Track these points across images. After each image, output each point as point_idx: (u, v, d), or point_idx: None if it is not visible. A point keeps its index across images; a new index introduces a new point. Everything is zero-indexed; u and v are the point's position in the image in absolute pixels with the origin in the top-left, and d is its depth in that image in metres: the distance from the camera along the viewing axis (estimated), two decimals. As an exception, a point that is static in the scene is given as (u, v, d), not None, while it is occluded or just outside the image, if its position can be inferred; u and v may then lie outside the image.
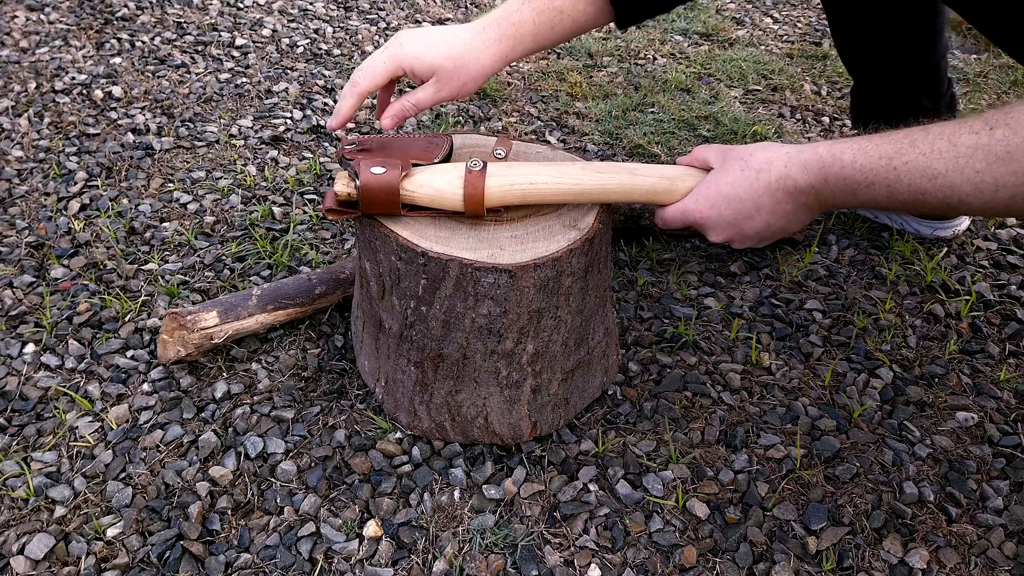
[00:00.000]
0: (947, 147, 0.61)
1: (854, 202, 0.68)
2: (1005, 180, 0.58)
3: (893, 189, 0.64)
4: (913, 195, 0.63)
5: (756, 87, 1.69)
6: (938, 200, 0.62)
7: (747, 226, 0.74)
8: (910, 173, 0.62)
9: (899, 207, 0.66)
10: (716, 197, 0.74)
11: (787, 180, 0.70)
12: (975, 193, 0.60)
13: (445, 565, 0.78)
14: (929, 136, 0.62)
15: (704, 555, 0.80)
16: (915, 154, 0.62)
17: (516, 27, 0.86)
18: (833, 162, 0.67)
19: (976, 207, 0.61)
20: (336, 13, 1.95)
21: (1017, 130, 0.58)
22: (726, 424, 0.93)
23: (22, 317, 1.06)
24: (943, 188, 0.61)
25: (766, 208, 0.72)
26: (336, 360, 1.00)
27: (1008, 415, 0.95)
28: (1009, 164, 0.58)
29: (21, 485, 0.85)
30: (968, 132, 0.60)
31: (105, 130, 1.44)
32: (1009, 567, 0.79)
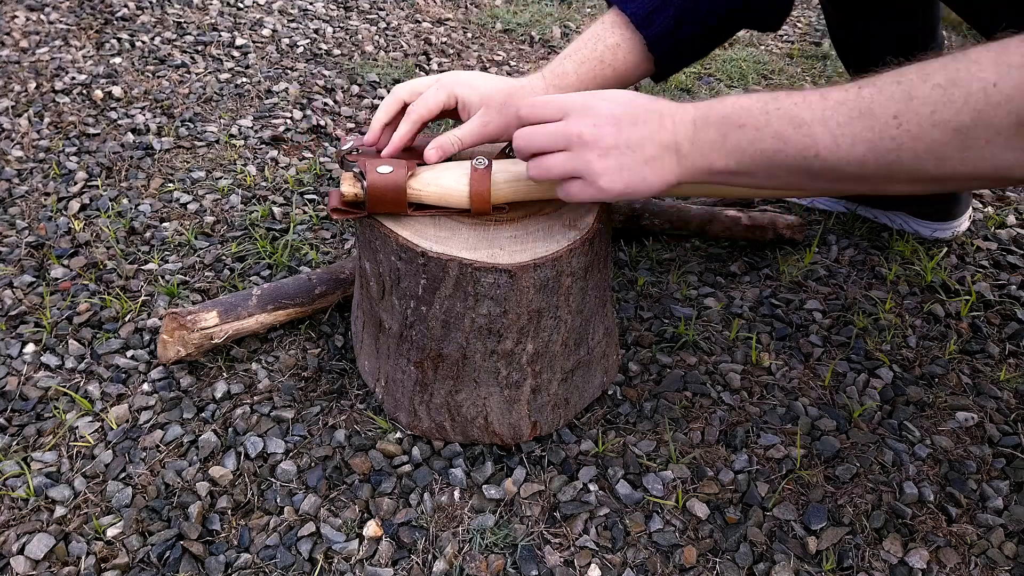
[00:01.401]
0: (817, 100, 0.62)
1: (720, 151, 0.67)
2: (862, 135, 0.59)
3: (760, 133, 0.64)
4: (776, 142, 0.63)
5: (756, 87, 1.69)
6: (796, 151, 0.62)
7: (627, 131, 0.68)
8: (779, 119, 0.63)
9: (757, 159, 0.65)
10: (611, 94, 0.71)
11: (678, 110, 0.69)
12: (832, 146, 0.61)
13: (445, 565, 0.78)
14: (805, 91, 0.63)
15: (704, 555, 0.80)
16: (788, 103, 0.63)
17: (560, 78, 0.87)
18: (718, 102, 0.68)
19: (829, 162, 0.61)
20: (336, 13, 1.95)
21: (882, 89, 0.59)
22: (726, 424, 0.93)
23: (22, 317, 1.06)
24: (804, 137, 0.62)
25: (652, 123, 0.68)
26: (336, 360, 1.00)
27: (1008, 415, 0.95)
28: (868, 119, 0.59)
29: (21, 485, 0.85)
30: (840, 90, 0.61)
31: (105, 130, 1.44)
32: (1009, 567, 0.79)
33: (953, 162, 0.57)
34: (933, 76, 0.56)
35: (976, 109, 0.54)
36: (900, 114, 0.57)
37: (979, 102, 0.54)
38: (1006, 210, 1.33)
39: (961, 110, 0.55)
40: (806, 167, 0.63)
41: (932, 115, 0.56)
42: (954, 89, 0.55)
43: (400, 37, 1.87)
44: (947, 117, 0.55)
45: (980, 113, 0.54)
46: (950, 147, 0.56)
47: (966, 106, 0.55)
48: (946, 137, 0.56)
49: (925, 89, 0.56)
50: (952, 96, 0.55)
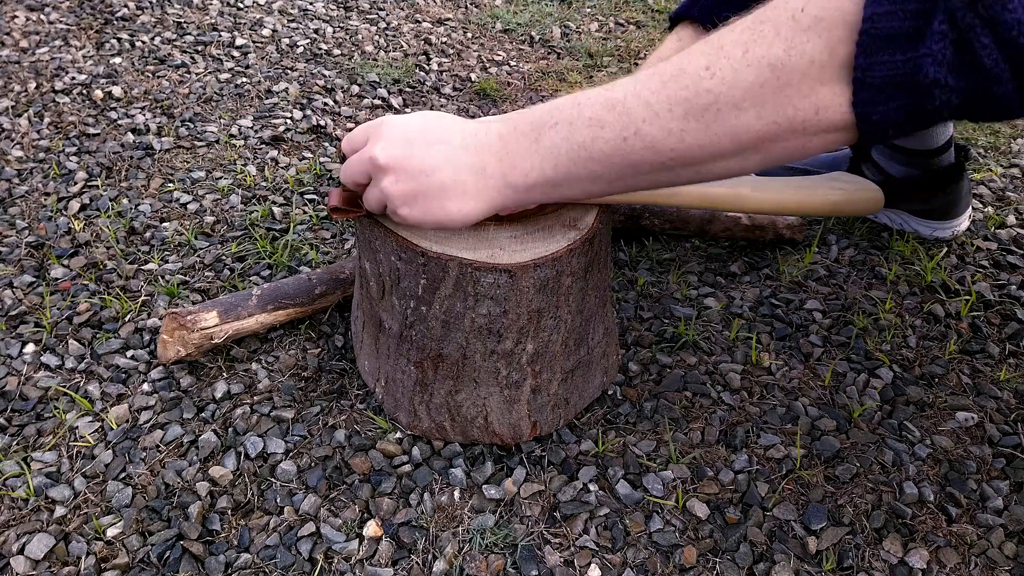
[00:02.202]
0: (628, 81, 0.59)
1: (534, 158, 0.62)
2: (677, 95, 0.56)
3: (574, 126, 0.60)
4: (592, 129, 0.59)
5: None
6: (615, 132, 0.58)
7: (419, 154, 0.64)
8: (592, 105, 0.60)
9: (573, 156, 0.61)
10: (415, 115, 0.68)
11: (481, 128, 0.65)
12: (651, 116, 0.57)
13: (445, 565, 0.78)
14: (613, 81, 0.61)
15: (704, 555, 0.80)
16: (600, 89, 0.60)
17: None
18: (528, 110, 0.64)
19: (652, 135, 0.57)
20: (336, 13, 1.95)
21: (691, 51, 0.56)
22: (726, 424, 0.93)
23: (22, 317, 1.06)
24: (621, 116, 0.58)
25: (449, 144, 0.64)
26: (336, 360, 1.00)
27: (1008, 415, 0.95)
28: (681, 78, 0.56)
29: (21, 485, 0.85)
30: (646, 68, 0.60)
31: (105, 130, 1.45)
32: (1009, 567, 0.79)
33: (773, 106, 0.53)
34: (742, 23, 0.54)
35: (787, 38, 0.51)
36: (712, 64, 0.54)
37: (790, 30, 0.51)
38: (1006, 210, 1.33)
39: (772, 43, 0.52)
40: (627, 149, 0.59)
41: (744, 56, 0.53)
42: (762, 25, 0.52)
43: (400, 37, 1.87)
44: (760, 54, 0.52)
45: (792, 41, 0.51)
46: (767, 88, 0.52)
47: (777, 38, 0.51)
48: (762, 76, 0.52)
49: (733, 35, 0.54)
50: (763, 32, 0.52)
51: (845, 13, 0.48)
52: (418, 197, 0.65)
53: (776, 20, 0.52)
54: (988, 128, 1.54)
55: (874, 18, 0.47)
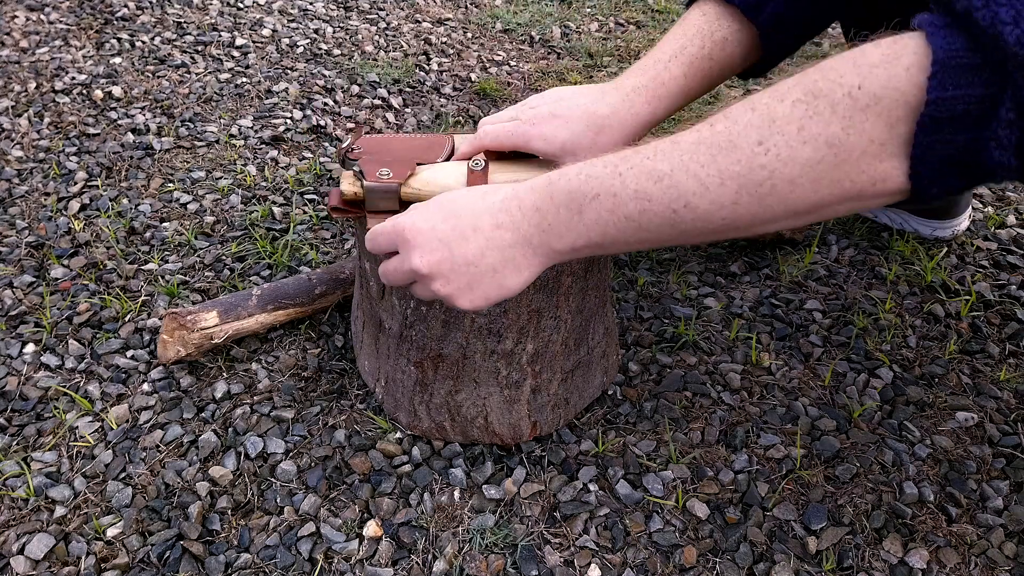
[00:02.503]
0: (670, 147, 0.57)
1: (579, 228, 0.61)
2: (730, 169, 0.54)
3: (619, 199, 0.59)
4: (639, 203, 0.58)
5: (756, 86, 1.70)
6: (664, 206, 0.57)
7: (459, 250, 0.64)
8: (636, 177, 0.58)
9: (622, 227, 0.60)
10: (431, 209, 0.66)
11: (512, 200, 0.63)
12: (701, 190, 0.56)
13: (445, 565, 0.78)
14: (652, 143, 0.59)
15: (704, 555, 0.80)
16: (640, 158, 0.58)
17: (667, 87, 0.80)
18: (559, 177, 0.62)
19: (702, 208, 0.56)
20: (336, 13, 1.95)
21: (737, 120, 0.55)
22: (726, 424, 0.93)
23: (22, 317, 1.06)
24: (669, 189, 0.57)
25: (484, 230, 0.63)
26: (336, 360, 1.00)
27: (1008, 415, 0.95)
28: (732, 153, 0.54)
29: (21, 485, 0.85)
30: (690, 131, 0.57)
31: (105, 130, 1.45)
32: (1009, 567, 0.79)
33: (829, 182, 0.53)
34: (790, 94, 0.53)
35: (845, 117, 0.50)
36: (765, 139, 0.53)
37: (847, 109, 0.50)
38: (1006, 210, 1.33)
39: (830, 121, 0.51)
40: (678, 220, 0.58)
41: (800, 132, 0.52)
42: (817, 101, 0.51)
43: (400, 37, 1.87)
44: (816, 131, 0.52)
45: (851, 120, 0.50)
46: (825, 164, 0.52)
47: (835, 116, 0.51)
48: (819, 153, 0.52)
49: (784, 108, 0.53)
50: (817, 108, 0.51)
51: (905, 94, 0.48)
52: (472, 286, 0.65)
53: (832, 97, 0.51)
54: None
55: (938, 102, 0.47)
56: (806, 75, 0.53)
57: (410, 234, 0.65)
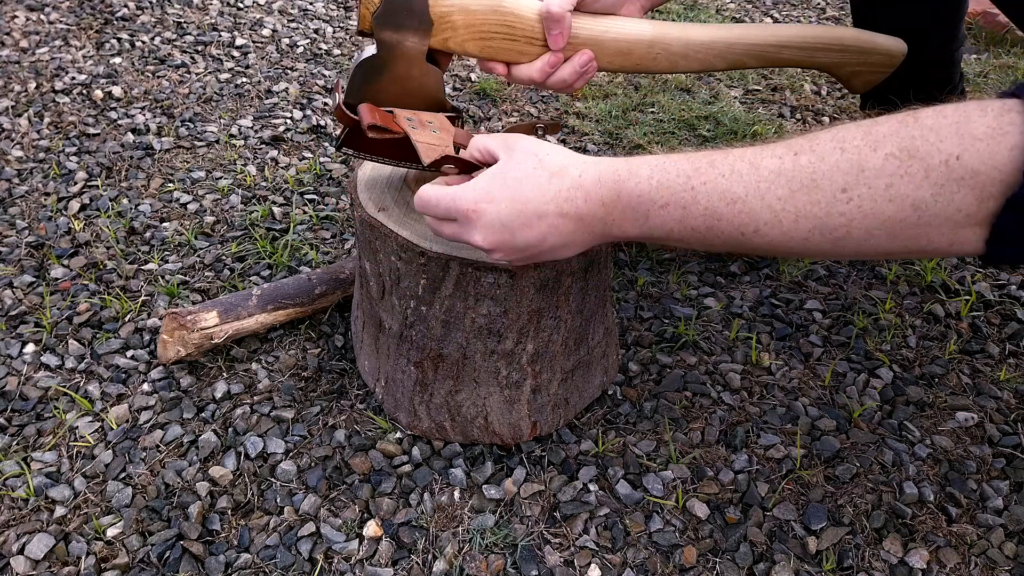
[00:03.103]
0: (748, 170, 0.56)
1: (644, 227, 0.61)
2: (807, 210, 0.53)
3: (688, 212, 0.58)
4: (708, 220, 0.58)
5: (756, 87, 1.69)
6: (733, 228, 0.57)
7: (521, 235, 0.64)
8: (708, 195, 0.57)
9: (689, 236, 0.60)
10: (500, 190, 0.64)
11: (578, 192, 0.63)
12: (773, 221, 0.55)
13: (445, 565, 0.78)
14: (729, 158, 0.57)
15: (704, 555, 0.80)
16: (714, 174, 0.57)
17: None
18: (629, 176, 0.61)
19: (771, 237, 0.56)
20: (336, 13, 1.95)
21: (824, 157, 0.53)
22: (726, 424, 0.93)
23: (22, 317, 1.06)
24: (740, 214, 0.56)
25: (548, 218, 0.63)
26: (336, 360, 1.00)
27: (1008, 415, 0.95)
28: (813, 193, 0.53)
29: (21, 485, 0.85)
30: (771, 156, 0.55)
31: (105, 130, 1.45)
32: (1009, 567, 0.79)
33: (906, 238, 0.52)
34: (884, 144, 0.51)
35: (938, 184, 0.49)
36: (850, 187, 0.52)
37: (941, 176, 0.49)
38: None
39: (921, 185, 0.50)
40: (745, 242, 0.58)
41: (888, 189, 0.51)
42: (911, 161, 0.50)
43: (400, 37, 1.87)
44: (905, 192, 0.50)
45: (942, 188, 0.49)
46: (906, 223, 0.51)
47: (927, 181, 0.50)
48: (903, 213, 0.51)
49: (877, 160, 0.51)
50: (910, 169, 0.50)
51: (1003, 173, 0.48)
52: (531, 259, 0.68)
53: (927, 160, 0.50)
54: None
55: None
56: (904, 124, 0.51)
57: (473, 214, 0.65)
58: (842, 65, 0.89)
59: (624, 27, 0.81)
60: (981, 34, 1.93)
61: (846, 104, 1.63)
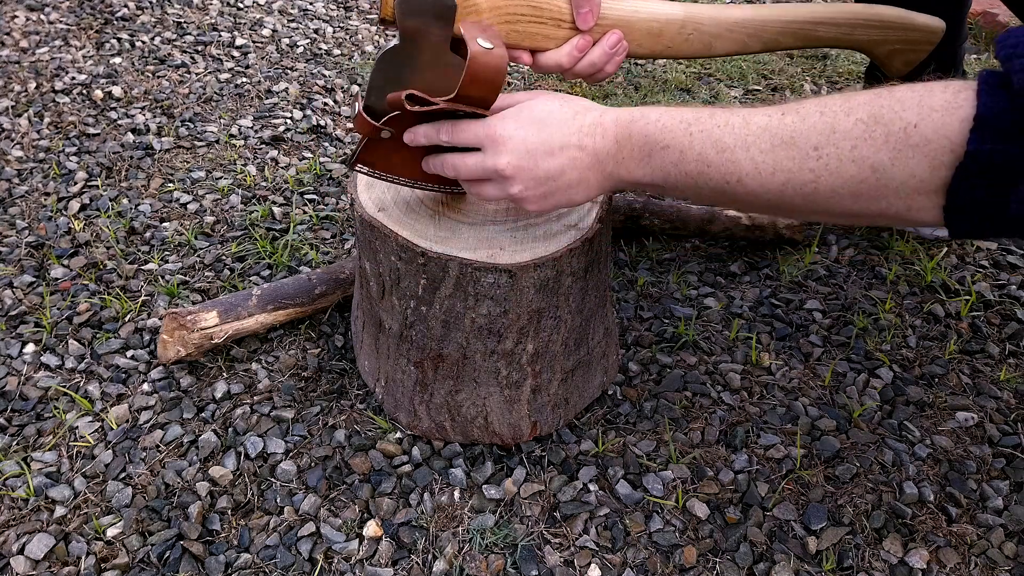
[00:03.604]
0: (740, 124, 0.61)
1: (647, 168, 0.66)
2: (783, 164, 0.58)
3: (684, 155, 0.63)
4: (699, 165, 0.63)
5: (756, 87, 1.69)
6: (720, 175, 0.62)
7: (543, 164, 0.68)
8: (702, 141, 0.62)
9: (682, 180, 0.65)
10: (526, 118, 0.69)
11: (598, 128, 0.68)
12: (753, 172, 0.60)
13: (445, 565, 0.78)
14: (727, 112, 0.62)
15: (704, 555, 0.80)
16: (711, 124, 0.62)
17: None
18: (641, 117, 0.66)
19: (751, 188, 0.61)
20: (336, 13, 1.95)
21: (805, 118, 0.58)
22: (726, 424, 0.93)
23: (22, 317, 1.06)
24: (727, 163, 0.61)
25: (570, 150, 0.68)
26: (336, 360, 1.00)
27: (1008, 415, 0.95)
28: (790, 149, 0.58)
29: (21, 485, 0.85)
30: (762, 114, 0.60)
31: (105, 130, 1.45)
32: (1009, 567, 0.79)
33: (867, 199, 0.57)
34: (857, 111, 0.56)
35: (895, 149, 0.54)
36: (821, 146, 0.57)
37: (899, 142, 0.54)
38: (1006, 210, 1.33)
39: (880, 148, 0.54)
40: (729, 191, 0.63)
41: (852, 150, 0.56)
42: (876, 126, 0.55)
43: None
44: (866, 154, 0.55)
45: (898, 153, 0.54)
46: (866, 184, 0.56)
47: (886, 145, 0.54)
48: (863, 174, 0.56)
49: (848, 123, 0.56)
50: (873, 133, 0.55)
51: (952, 142, 0.52)
52: (546, 196, 0.70)
53: (889, 127, 0.54)
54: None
55: (977, 154, 0.51)
56: (879, 95, 0.55)
57: (501, 138, 0.68)
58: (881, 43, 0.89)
59: (654, 6, 0.81)
60: (981, 34, 1.93)
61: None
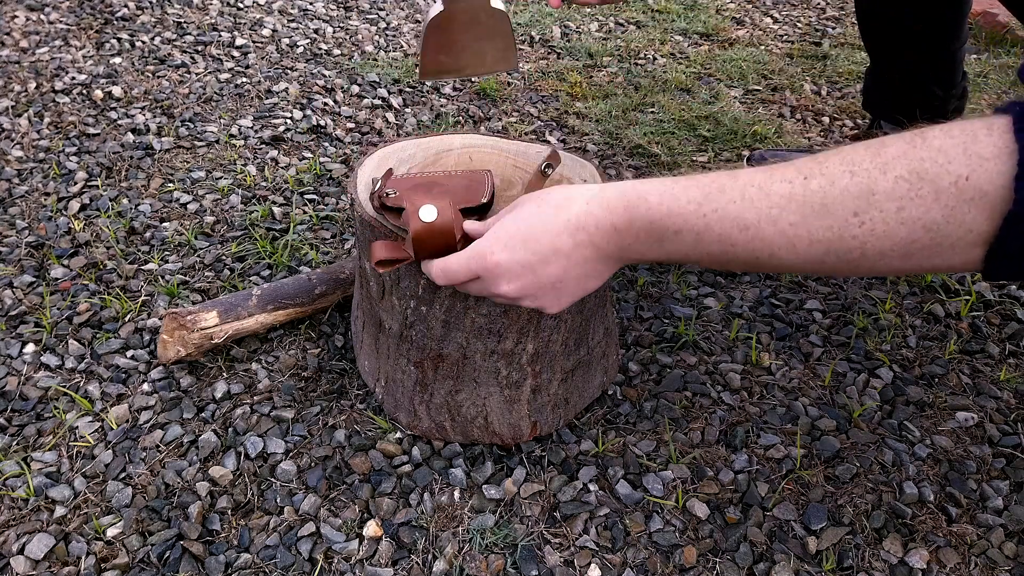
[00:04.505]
0: (759, 196, 0.56)
1: (660, 252, 0.62)
2: (820, 234, 0.54)
3: (702, 238, 0.58)
4: (723, 246, 0.58)
5: (756, 87, 1.70)
6: (748, 253, 0.57)
7: (543, 272, 0.64)
8: (721, 222, 0.57)
9: (707, 260, 0.61)
10: (509, 236, 0.65)
11: (588, 218, 0.62)
12: (787, 247, 0.55)
13: (445, 565, 0.78)
14: (738, 183, 0.57)
15: (704, 555, 0.80)
16: (724, 201, 0.57)
17: None
18: (639, 202, 0.60)
19: (788, 262, 0.56)
20: (336, 13, 1.95)
21: (834, 181, 0.53)
22: (726, 424, 0.93)
23: (22, 317, 1.06)
24: (754, 240, 0.56)
25: (564, 250, 0.63)
26: (336, 360, 1.00)
27: (1008, 415, 0.95)
28: (824, 217, 0.53)
29: (21, 485, 0.85)
30: (781, 181, 0.55)
31: (105, 130, 1.45)
32: (1009, 567, 0.79)
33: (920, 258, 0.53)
34: (894, 167, 0.51)
35: (948, 206, 0.50)
36: (861, 211, 0.52)
37: (951, 198, 0.50)
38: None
39: (931, 207, 0.50)
40: (763, 263, 0.58)
41: (899, 212, 0.51)
42: (921, 183, 0.50)
43: (400, 37, 1.87)
44: (915, 215, 0.51)
45: (952, 210, 0.50)
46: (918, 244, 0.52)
47: (936, 203, 0.50)
48: (914, 235, 0.51)
49: (887, 182, 0.51)
50: (920, 191, 0.50)
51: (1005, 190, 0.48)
52: (560, 296, 0.67)
53: (937, 182, 0.50)
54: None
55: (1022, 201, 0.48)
56: (913, 147, 0.51)
57: (492, 266, 0.65)
58: None
59: None
60: (981, 34, 1.93)
61: (846, 104, 1.63)
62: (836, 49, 1.88)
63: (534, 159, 0.92)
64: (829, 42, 1.91)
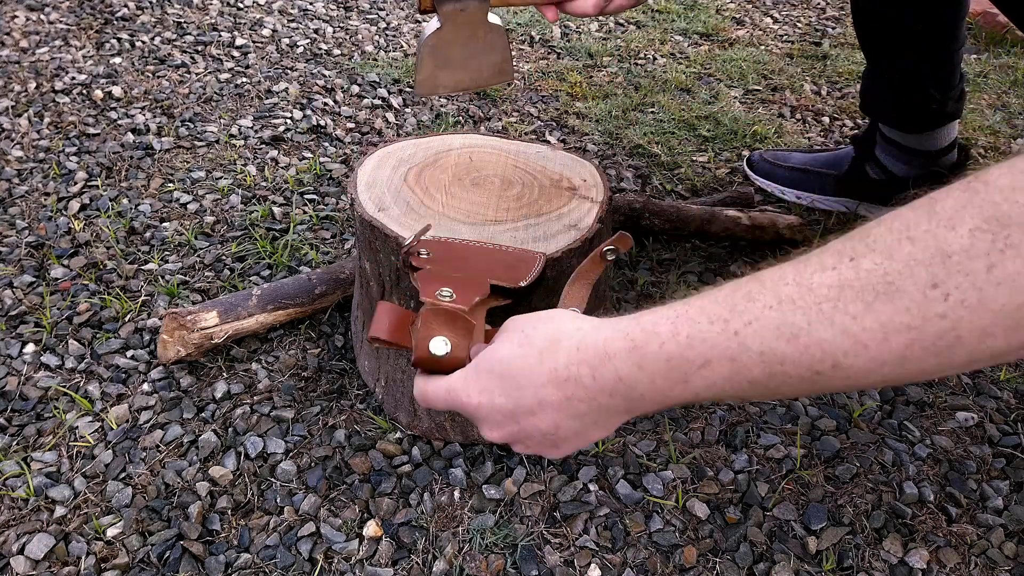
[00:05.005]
0: (799, 293, 0.44)
1: (686, 394, 0.49)
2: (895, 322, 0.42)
3: (739, 363, 0.46)
4: (768, 368, 0.45)
5: (756, 87, 1.69)
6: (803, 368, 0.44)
7: (529, 423, 0.54)
8: (759, 335, 0.45)
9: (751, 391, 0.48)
10: (489, 377, 0.56)
11: (580, 368, 0.51)
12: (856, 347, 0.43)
13: (445, 565, 0.78)
14: (768, 286, 0.45)
15: (704, 555, 0.80)
16: (758, 310, 0.45)
17: None
18: (647, 339, 0.49)
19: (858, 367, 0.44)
20: (336, 13, 1.95)
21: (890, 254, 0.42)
22: (726, 424, 0.93)
23: (22, 317, 1.06)
24: (809, 349, 0.44)
25: (552, 403, 0.53)
26: (336, 360, 1.00)
27: (1008, 415, 0.95)
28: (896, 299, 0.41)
29: (21, 485, 0.85)
30: (820, 270, 0.44)
31: (105, 130, 1.45)
32: (1009, 567, 0.79)
33: None
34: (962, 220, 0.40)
35: None
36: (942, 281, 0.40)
37: None
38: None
39: None
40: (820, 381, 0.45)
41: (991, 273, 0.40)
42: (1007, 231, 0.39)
43: (400, 37, 1.87)
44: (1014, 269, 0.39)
45: None
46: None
47: None
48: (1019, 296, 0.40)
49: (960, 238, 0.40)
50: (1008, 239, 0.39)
51: None
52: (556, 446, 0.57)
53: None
54: (988, 129, 1.54)
55: None
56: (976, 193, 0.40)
57: (470, 408, 0.57)
58: None
59: None
60: (981, 34, 1.93)
61: (846, 104, 1.63)
62: (836, 49, 1.88)
63: (534, 159, 0.92)
64: (829, 42, 1.91)
